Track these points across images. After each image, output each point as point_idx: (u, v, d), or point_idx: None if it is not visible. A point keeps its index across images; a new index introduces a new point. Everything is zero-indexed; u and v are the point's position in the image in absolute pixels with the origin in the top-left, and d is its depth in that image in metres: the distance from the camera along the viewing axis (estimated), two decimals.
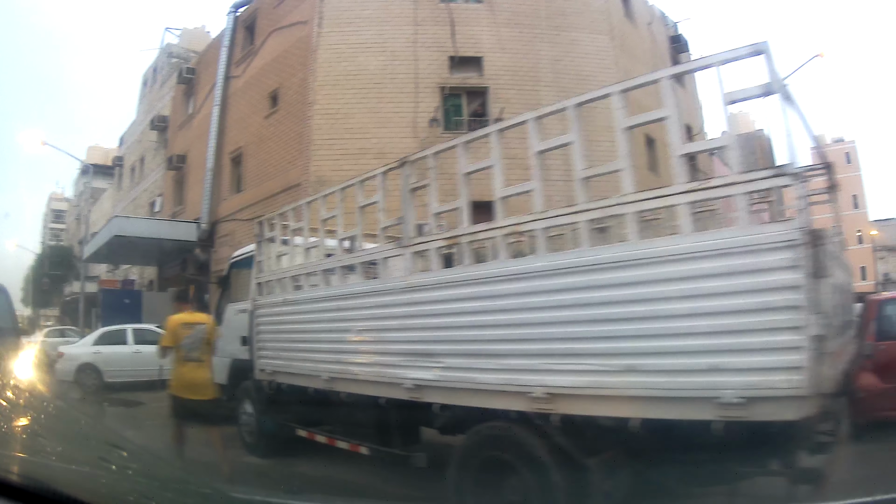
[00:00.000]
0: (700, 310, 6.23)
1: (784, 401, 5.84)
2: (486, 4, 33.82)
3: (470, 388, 8.22)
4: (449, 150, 9.28)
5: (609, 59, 34.53)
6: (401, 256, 9.76)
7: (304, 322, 12.06)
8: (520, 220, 8.07)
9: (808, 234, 5.75)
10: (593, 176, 7.48)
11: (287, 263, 13.24)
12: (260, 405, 13.85)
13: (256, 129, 37.11)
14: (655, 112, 7.25)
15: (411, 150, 27.74)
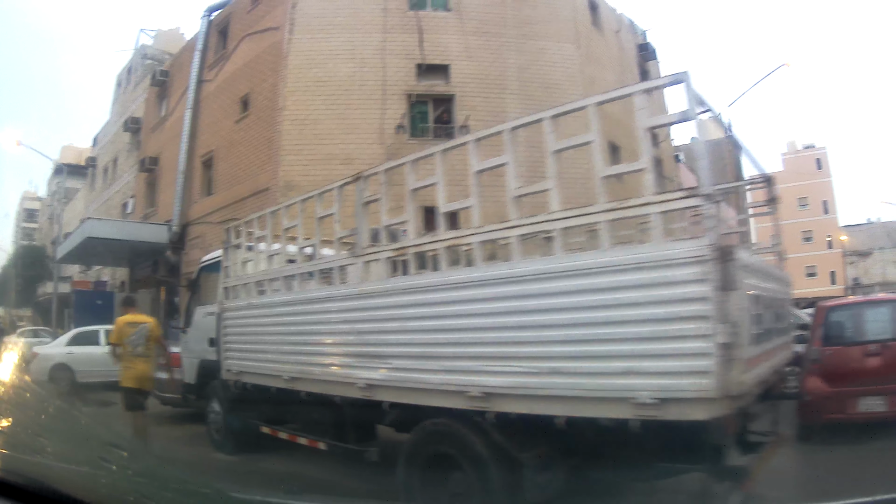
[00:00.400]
0: (617, 318, 6.78)
1: (694, 402, 6.38)
2: (455, 13, 34.16)
3: (415, 387, 8.78)
4: (399, 167, 9.79)
5: (575, 67, 34.97)
6: (355, 265, 10.35)
7: (267, 325, 12.54)
8: (459, 234, 8.75)
9: (716, 250, 6.27)
10: (525, 194, 8.09)
11: (252, 269, 13.74)
12: (227, 404, 14.21)
13: (227, 133, 37.31)
14: (581, 137, 7.73)
15: (378, 157, 28.42)
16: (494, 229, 8.33)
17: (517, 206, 8.11)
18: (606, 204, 7.25)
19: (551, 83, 33.44)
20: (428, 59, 33.01)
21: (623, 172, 7.44)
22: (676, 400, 6.48)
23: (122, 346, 13.98)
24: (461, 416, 8.22)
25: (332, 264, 11.01)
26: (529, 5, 35.20)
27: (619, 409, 6.78)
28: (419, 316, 8.87)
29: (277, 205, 13.89)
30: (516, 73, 33.50)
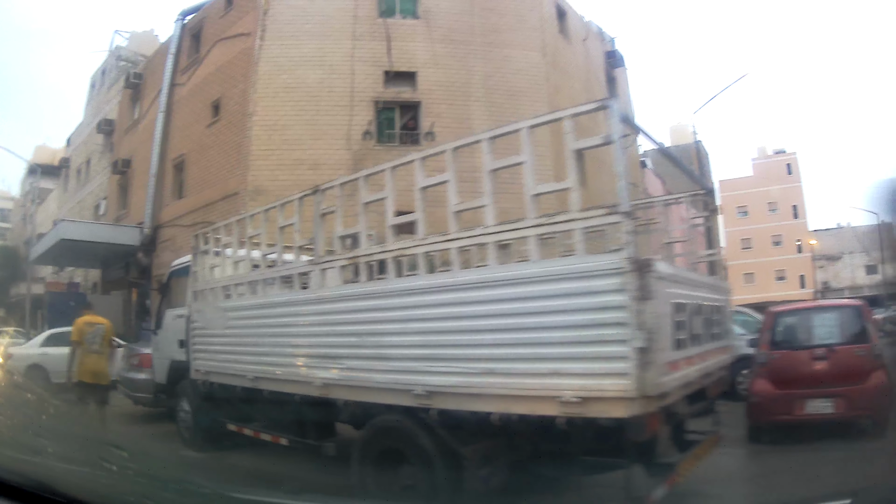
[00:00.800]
0: (545, 324, 7.38)
1: (614, 401, 6.93)
2: (423, 20, 34.45)
3: (366, 385, 9.39)
4: (353, 182, 10.43)
5: (540, 75, 35.23)
6: (313, 271, 10.99)
7: (233, 327, 13.03)
8: (405, 245, 9.39)
9: (633, 263, 6.85)
10: (462, 210, 8.70)
11: (219, 274, 14.23)
12: (195, 403, 14.63)
13: (199, 137, 37.44)
14: (514, 157, 8.28)
15: (345, 162, 28.98)
16: (436, 241, 9.00)
17: (457, 220, 8.73)
18: (535, 219, 7.88)
19: (516, 91, 33.88)
20: (396, 66, 33.32)
21: (552, 191, 8.00)
22: (598, 399, 7.01)
23: (81, 343, 15.18)
24: (408, 412, 8.76)
25: (292, 271, 11.64)
26: (497, 14, 35.58)
27: (546, 407, 7.33)
28: (369, 320, 9.50)
29: (245, 210, 14.47)
30: (482, 80, 33.90)
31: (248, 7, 35.68)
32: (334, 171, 29.07)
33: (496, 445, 8.38)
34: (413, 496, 8.77)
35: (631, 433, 7.06)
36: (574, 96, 37.07)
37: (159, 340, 17.78)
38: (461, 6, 35.14)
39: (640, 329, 6.78)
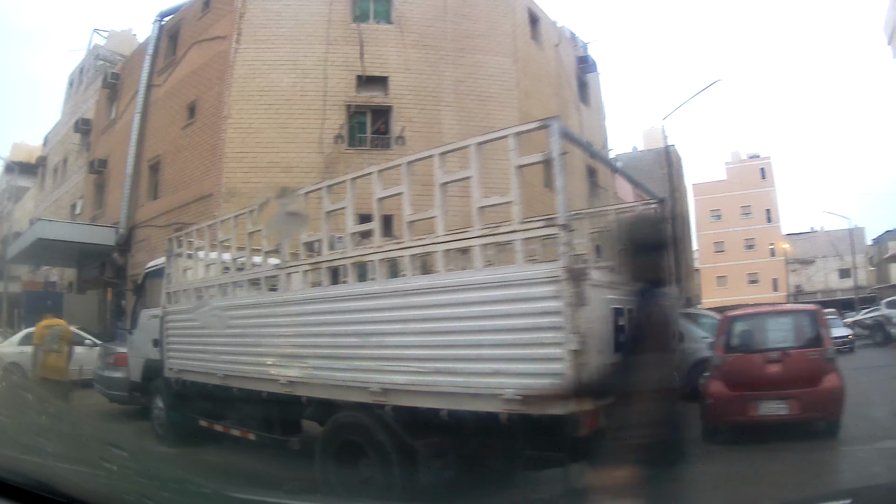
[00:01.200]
0: (488, 327, 7.95)
1: (552, 399, 7.46)
2: (396, 25, 34.79)
3: (327, 383, 9.97)
4: (316, 191, 11.07)
5: (511, 80, 35.61)
6: (279, 275, 11.51)
7: (206, 327, 13.37)
8: (362, 253, 10.01)
9: (568, 272, 7.41)
10: (415, 220, 9.30)
11: (192, 277, 14.74)
12: (169, 400, 15.05)
13: (174, 138, 37.54)
14: (462, 172, 8.87)
15: (317, 165, 29.77)
16: (390, 249, 9.63)
17: (410, 230, 9.33)
18: (480, 230, 8.48)
19: (487, 96, 34.37)
20: (368, 70, 33.63)
21: (496, 204, 8.53)
22: (537, 397, 7.50)
23: (41, 344, 17.27)
24: (365, 409, 9.32)
25: (259, 275, 12.18)
26: (470, 20, 35.96)
27: (490, 404, 7.90)
28: (329, 322, 10.11)
29: (219, 211, 14.95)
30: (453, 85, 34.29)
31: (224, 10, 35.84)
32: (306, 174, 29.58)
33: (447, 440, 8.86)
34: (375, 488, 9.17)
35: (569, 429, 7.51)
36: (544, 101, 37.75)
37: (134, 340, 18.22)
38: (434, 12, 35.43)
39: (574, 333, 7.31)
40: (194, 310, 11.71)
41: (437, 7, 35.53)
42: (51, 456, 4.44)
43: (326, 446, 10.09)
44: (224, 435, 13.09)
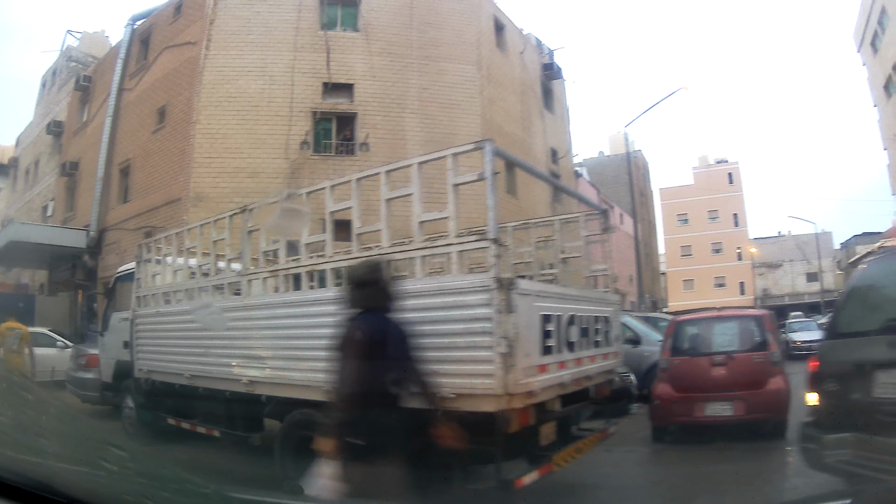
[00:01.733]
0: (428, 331, 8.43)
1: (483, 398, 8.17)
2: (363, 33, 35.35)
3: (284, 382, 10.57)
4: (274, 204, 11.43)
5: (475, 88, 36.27)
6: (241, 281, 12.16)
7: (172, 330, 14.07)
8: (315, 262, 10.82)
9: (498, 281, 8.09)
10: (362, 233, 10.10)
11: (160, 282, 15.29)
12: (139, 399, 15.53)
13: (144, 142, 37.77)
14: (404, 189, 9.50)
15: (282, 171, 30.78)
16: (342, 259, 10.28)
17: (358, 241, 10.13)
18: (420, 243, 9.22)
19: (450, 103, 35.07)
20: (334, 77, 34.18)
21: (434, 219, 9.21)
22: (470, 395, 8.25)
23: (2, 345, 19.08)
24: (319, 406, 9.50)
25: (222, 281, 12.86)
26: (435, 28, 36.56)
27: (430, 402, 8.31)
28: (286, 325, 10.70)
29: (187, 215, 15.57)
30: (417, 93, 34.80)
31: (195, 16, 36.17)
32: (272, 180, 30.33)
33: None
34: None
35: (500, 425, 8.20)
36: (508, 108, 38.85)
37: (105, 342, 18.72)
38: (401, 20, 35.96)
39: (503, 337, 8.00)
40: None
41: (403, 15, 36.05)
42: (51, 456, 4.44)
43: (285, 442, 10.59)
44: (191, 432, 13.53)
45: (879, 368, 7.85)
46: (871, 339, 8.21)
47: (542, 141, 44.90)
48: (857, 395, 8.10)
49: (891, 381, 7.66)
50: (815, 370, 9.24)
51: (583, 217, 13.26)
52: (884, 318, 8.30)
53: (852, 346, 8.68)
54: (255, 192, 28.95)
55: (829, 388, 8.77)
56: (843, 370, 8.53)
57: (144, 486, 4.28)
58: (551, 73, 48.65)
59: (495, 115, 37.78)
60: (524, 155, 39.57)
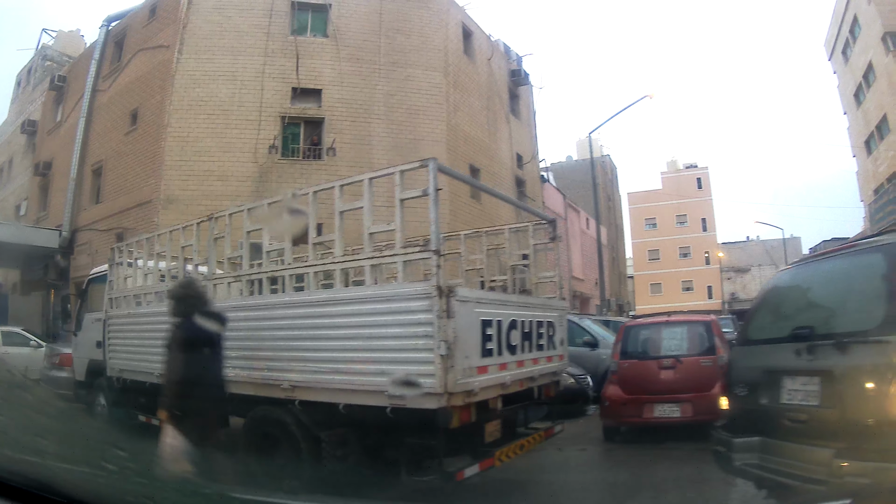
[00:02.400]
0: (375, 334, 9.34)
1: (425, 396, 8.81)
2: (332, 39, 35.81)
3: (247, 381, 11.13)
4: (239, 213, 12.29)
5: (440, 94, 36.78)
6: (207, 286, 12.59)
7: (143, 331, 14.53)
8: (275, 269, 11.51)
9: (438, 289, 8.79)
10: (319, 242, 10.91)
11: (131, 284, 15.88)
12: (111, 397, 16.05)
13: (117, 144, 38.04)
14: (358, 202, 10.15)
15: (251, 174, 31.82)
16: (298, 266, 11.09)
17: (314, 250, 10.89)
18: (369, 253, 9.97)
19: (416, 109, 35.62)
20: (303, 83, 34.66)
21: (381, 231, 9.90)
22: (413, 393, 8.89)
23: None
24: (279, 403, 10.54)
25: None
26: (403, 34, 37.04)
27: (377, 399, 9.19)
28: (248, 327, 11.30)
29: (158, 217, 16.15)
30: (384, 98, 35.36)
31: (169, 19, 36.51)
32: (241, 183, 31.01)
33: (348, 431, 10.09)
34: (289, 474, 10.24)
35: (442, 422, 8.87)
36: (474, 114, 39.43)
37: (79, 341, 19.12)
38: (369, 26, 36.47)
39: (443, 340, 8.68)
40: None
41: (372, 22, 36.56)
42: (50, 456, 4.41)
43: (248, 437, 11.18)
44: (160, 429, 13.90)
45: (786, 375, 8.09)
46: (778, 346, 8.45)
47: (507, 146, 45.45)
48: (765, 401, 8.42)
49: (796, 387, 7.91)
50: (727, 375, 9.94)
51: (532, 226, 13.86)
52: (791, 325, 8.41)
53: (761, 353, 9.01)
54: (224, 195, 30.05)
55: (740, 392, 9.22)
56: (753, 376, 8.86)
57: (145, 486, 4.38)
58: (519, 78, 49.18)
59: (461, 121, 38.40)
60: (489, 160, 40.92)
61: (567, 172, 79.63)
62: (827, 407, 7.37)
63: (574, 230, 63.49)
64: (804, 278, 9.55)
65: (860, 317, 7.62)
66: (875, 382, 6.94)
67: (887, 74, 49.90)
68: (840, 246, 9.65)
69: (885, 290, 7.37)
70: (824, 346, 7.51)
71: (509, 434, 11.45)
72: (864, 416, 6.88)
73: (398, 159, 10.39)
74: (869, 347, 7.05)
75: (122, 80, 39.66)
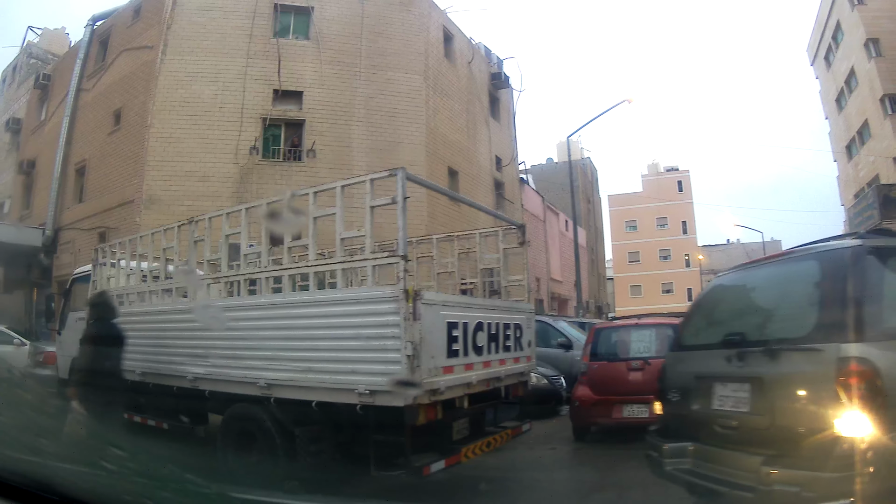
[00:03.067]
0: (346, 335, 9.79)
1: (392, 394, 9.21)
2: (314, 41, 36.06)
3: (224, 379, 11.55)
4: (218, 217, 12.70)
5: (420, 98, 37.10)
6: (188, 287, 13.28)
7: (125, 329, 13.98)
8: (252, 271, 11.85)
9: (405, 293, 9.21)
10: (293, 246, 11.42)
11: (114, 284, 16.15)
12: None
13: (100, 144, 38.13)
14: (331, 209, 10.55)
15: (232, 175, 32.01)
16: (273, 269, 11.44)
17: (288, 254, 11.34)
18: (341, 258, 10.41)
19: (396, 112, 35.91)
20: (284, 85, 34.88)
21: (352, 236, 10.31)
22: (382, 392, 9.31)
23: None
24: (255, 401, 10.93)
25: (170, 286, 13.93)
26: (384, 37, 37.37)
27: (347, 397, 9.62)
28: (227, 327, 11.69)
29: (140, 217, 16.60)
30: (364, 101, 35.67)
31: (153, 20, 36.68)
32: (222, 184, 31.37)
33: (322, 427, 10.46)
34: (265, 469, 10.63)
35: (408, 419, 9.29)
36: (453, 117, 39.81)
37: (62, 340, 19.40)
38: (351, 29, 36.75)
39: (409, 341, 9.11)
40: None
41: (353, 25, 36.84)
42: (51, 456, 4.42)
43: (226, 434, 11.59)
44: (142, 425, 14.33)
45: (717, 381, 8.09)
46: (710, 352, 8.45)
47: (487, 149, 45.79)
48: (696, 406, 8.40)
49: (727, 394, 7.89)
50: (660, 380, 9.77)
51: (502, 231, 14.33)
52: (723, 331, 8.58)
53: (693, 359, 9.05)
54: (206, 195, 30.52)
55: (673, 397, 9.17)
56: (685, 381, 8.85)
57: (144, 486, 4.42)
58: (499, 82, 49.64)
59: (440, 124, 38.80)
60: (468, 163, 41.37)
61: (547, 175, 79.65)
62: (756, 414, 7.40)
63: (553, 232, 63.98)
64: (740, 284, 9.70)
65: (792, 324, 7.64)
66: (804, 390, 7.00)
67: (869, 80, 50.46)
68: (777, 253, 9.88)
69: (817, 298, 7.36)
70: (755, 353, 7.55)
71: (477, 432, 11.92)
72: (793, 423, 6.89)
73: (378, 162, 10.90)
74: (799, 355, 7.08)
75: (106, 80, 39.72)
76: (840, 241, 7.93)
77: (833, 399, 6.51)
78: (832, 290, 7.20)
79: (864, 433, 6.28)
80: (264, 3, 36.19)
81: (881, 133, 49.36)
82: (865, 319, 6.80)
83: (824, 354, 6.74)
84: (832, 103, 61.51)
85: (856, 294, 6.93)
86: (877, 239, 7.73)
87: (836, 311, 6.91)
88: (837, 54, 57.95)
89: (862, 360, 6.49)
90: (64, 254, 38.61)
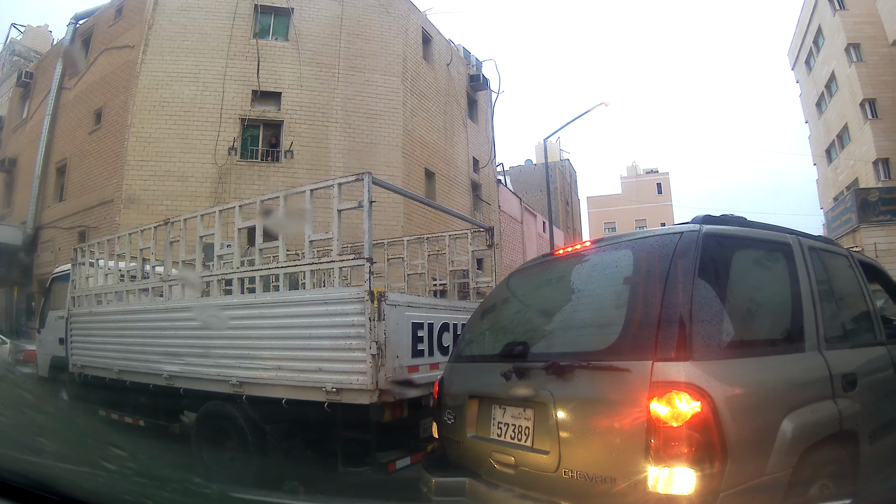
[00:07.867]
0: (314, 334, 10.08)
1: (359, 392, 9.55)
2: (293, 43, 36.35)
3: (198, 377, 11.85)
4: (193, 218, 12.94)
5: (398, 99, 37.41)
6: (163, 286, 13.56)
7: (103, 328, 15.29)
8: (225, 272, 12.19)
9: (370, 294, 9.53)
10: (264, 248, 11.56)
11: (93, 284, 16.51)
12: (73, 392, 16.52)
13: (81, 142, 38.38)
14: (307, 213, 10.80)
15: (210, 175, 32.42)
16: (246, 270, 11.86)
17: (260, 256, 11.60)
18: (309, 259, 10.76)
19: (373, 113, 36.23)
20: (263, 86, 35.21)
21: (320, 239, 10.55)
22: (348, 390, 9.63)
23: None
24: (228, 399, 11.20)
25: (147, 285, 14.17)
26: (363, 39, 37.71)
27: (315, 395, 9.90)
28: (199, 326, 12.04)
29: (119, 217, 16.89)
30: (342, 102, 35.95)
31: (134, 20, 36.98)
32: (201, 184, 31.67)
33: (292, 425, 10.66)
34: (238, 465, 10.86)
35: (374, 416, 9.56)
36: (431, 119, 40.06)
37: (42, 338, 19.72)
38: (330, 31, 37.09)
39: (374, 341, 9.41)
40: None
41: (332, 26, 37.17)
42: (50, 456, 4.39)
43: (200, 430, 11.82)
44: (119, 422, 14.48)
45: (494, 403, 6.67)
46: (488, 364, 6.93)
47: (464, 150, 46.08)
48: (472, 434, 6.89)
49: (507, 421, 6.44)
50: (438, 396, 7.90)
51: (470, 233, 14.75)
52: (504, 340, 7.02)
53: (470, 373, 7.48)
54: (184, 195, 31.04)
55: (448, 420, 7.43)
56: (460, 401, 7.25)
57: (145, 486, 4.28)
58: (478, 83, 50.06)
59: (417, 126, 39.10)
60: (445, 164, 41.60)
61: (525, 176, 79.83)
62: (540, 451, 5.89)
63: (530, 233, 64.01)
64: (538, 279, 7.91)
65: (592, 333, 6.07)
66: (603, 424, 5.44)
67: (849, 84, 51.03)
68: (589, 241, 7.64)
69: (625, 298, 5.83)
70: (537, 370, 6.08)
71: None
72: (585, 468, 5.44)
73: (354, 163, 11.21)
74: (598, 375, 5.53)
75: (88, 79, 40.01)
76: (671, 227, 6.43)
77: (642, 440, 5.04)
78: (647, 289, 5.70)
79: (685, 490, 4.84)
80: (245, 4, 36.50)
81: (861, 137, 49.89)
82: (695, 330, 5.23)
83: (631, 376, 5.25)
84: (812, 107, 62.08)
85: (684, 295, 5.33)
86: (723, 226, 6.30)
87: (651, 317, 5.40)
88: (818, 59, 58.55)
89: (689, 385, 4.95)
90: (44, 252, 38.84)
